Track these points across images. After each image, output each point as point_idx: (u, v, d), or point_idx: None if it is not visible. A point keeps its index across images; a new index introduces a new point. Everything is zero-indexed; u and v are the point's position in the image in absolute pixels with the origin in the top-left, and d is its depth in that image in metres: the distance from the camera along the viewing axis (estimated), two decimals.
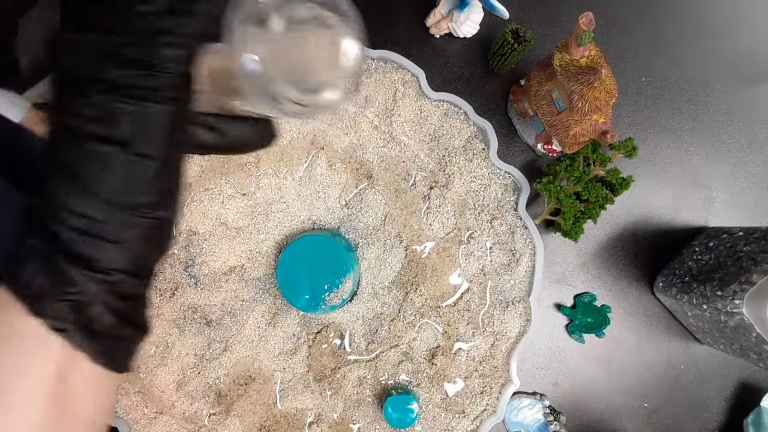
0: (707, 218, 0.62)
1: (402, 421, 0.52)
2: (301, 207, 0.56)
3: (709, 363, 0.60)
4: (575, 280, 0.60)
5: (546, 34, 0.61)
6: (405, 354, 0.56)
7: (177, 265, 0.55)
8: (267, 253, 0.56)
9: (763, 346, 0.47)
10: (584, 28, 0.44)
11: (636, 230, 0.61)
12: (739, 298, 0.47)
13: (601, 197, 0.52)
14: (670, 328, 0.60)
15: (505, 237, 0.56)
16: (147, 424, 0.53)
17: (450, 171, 0.56)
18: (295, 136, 0.56)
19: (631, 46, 0.62)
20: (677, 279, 0.56)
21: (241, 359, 0.55)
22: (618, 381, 0.59)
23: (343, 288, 0.52)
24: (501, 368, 0.56)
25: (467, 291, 0.56)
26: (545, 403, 0.58)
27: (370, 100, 0.56)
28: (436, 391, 0.55)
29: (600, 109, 0.47)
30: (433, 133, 0.57)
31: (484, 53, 0.60)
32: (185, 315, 0.55)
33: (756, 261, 0.48)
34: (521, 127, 0.59)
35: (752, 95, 0.63)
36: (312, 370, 0.56)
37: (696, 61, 0.62)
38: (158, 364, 0.54)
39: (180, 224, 0.55)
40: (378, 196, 0.56)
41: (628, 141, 0.52)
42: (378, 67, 0.56)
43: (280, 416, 0.55)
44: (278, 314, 0.55)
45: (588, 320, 0.58)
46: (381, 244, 0.56)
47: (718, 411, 0.60)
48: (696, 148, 0.62)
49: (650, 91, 0.62)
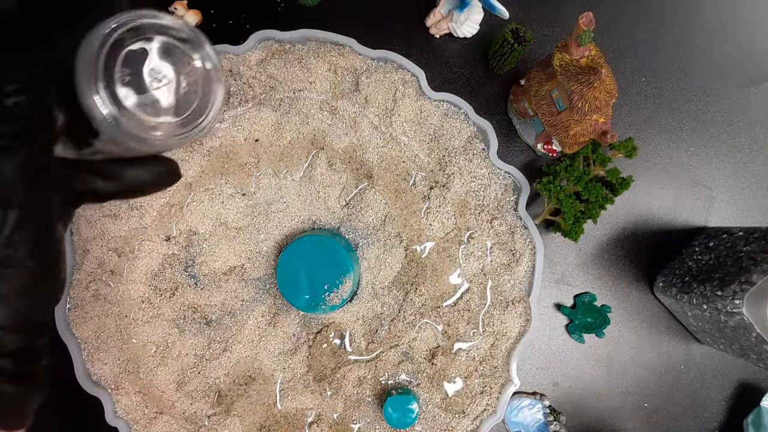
0: (707, 218, 0.62)
1: (402, 421, 0.52)
2: (301, 207, 0.56)
3: (709, 363, 0.60)
4: (575, 280, 0.60)
5: (546, 34, 0.61)
6: (405, 354, 0.56)
7: (177, 265, 0.55)
8: (267, 253, 0.56)
9: (763, 346, 0.47)
10: (584, 28, 0.44)
11: (636, 230, 0.61)
12: (739, 298, 0.47)
13: (601, 197, 0.52)
14: (670, 328, 0.60)
15: (505, 237, 0.56)
16: (147, 424, 0.53)
17: (450, 171, 0.56)
18: (295, 136, 0.56)
19: (631, 46, 0.62)
20: (677, 279, 0.56)
21: (241, 359, 0.55)
22: (618, 381, 0.59)
23: (343, 288, 0.52)
24: (501, 368, 0.56)
25: (467, 291, 0.56)
26: (545, 403, 0.58)
27: (370, 100, 0.56)
28: (436, 391, 0.55)
29: (600, 109, 0.47)
30: (433, 133, 0.57)
31: (484, 53, 0.60)
32: (185, 315, 0.55)
33: (756, 261, 0.48)
34: (521, 127, 0.59)
35: (752, 95, 0.63)
36: (312, 370, 0.56)
37: (696, 61, 0.62)
38: (158, 364, 0.54)
39: (180, 224, 0.55)
40: (378, 196, 0.56)
41: (628, 141, 0.52)
42: (378, 67, 0.56)
43: (280, 416, 0.55)
44: (278, 314, 0.55)
45: (588, 320, 0.58)
46: (381, 244, 0.56)
47: (718, 411, 0.60)
48: (696, 148, 0.62)
49: (650, 91, 0.62)
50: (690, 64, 0.62)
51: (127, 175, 0.25)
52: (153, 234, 0.54)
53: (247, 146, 0.55)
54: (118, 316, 0.54)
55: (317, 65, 0.55)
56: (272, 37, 0.56)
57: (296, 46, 0.56)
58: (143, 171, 0.25)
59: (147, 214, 0.54)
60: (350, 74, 0.56)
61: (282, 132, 0.55)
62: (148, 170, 0.25)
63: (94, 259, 0.54)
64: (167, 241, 0.55)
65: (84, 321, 0.53)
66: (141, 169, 0.25)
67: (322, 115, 0.56)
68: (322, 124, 0.56)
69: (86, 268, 0.54)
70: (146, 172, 0.25)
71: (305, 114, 0.55)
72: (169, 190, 0.54)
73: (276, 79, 0.55)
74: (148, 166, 0.25)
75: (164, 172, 0.26)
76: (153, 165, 0.25)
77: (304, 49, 0.56)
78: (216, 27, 0.58)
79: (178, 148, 0.28)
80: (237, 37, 0.55)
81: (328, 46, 0.56)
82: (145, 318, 0.54)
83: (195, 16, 0.57)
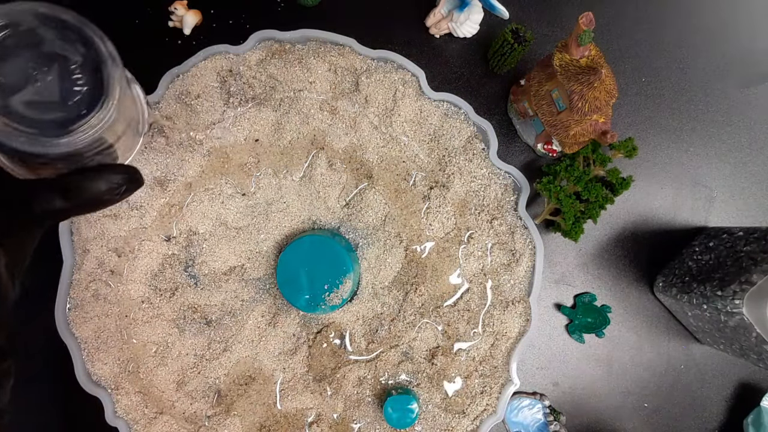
0: (707, 218, 0.62)
1: (402, 421, 0.52)
2: (301, 207, 0.56)
3: (709, 363, 0.60)
4: (575, 280, 0.60)
5: (546, 34, 0.61)
6: (405, 354, 0.56)
7: (177, 265, 0.55)
8: (267, 253, 0.56)
9: (763, 346, 0.47)
10: (584, 28, 0.44)
11: (636, 230, 0.61)
12: (739, 298, 0.47)
13: (601, 197, 0.52)
14: (670, 328, 0.60)
15: (505, 237, 0.56)
16: (147, 424, 0.53)
17: (450, 171, 0.56)
18: (295, 136, 0.56)
19: (631, 46, 0.62)
20: (677, 279, 0.56)
21: (241, 359, 0.55)
22: (618, 381, 0.59)
23: (343, 288, 0.52)
24: (501, 368, 0.56)
25: (467, 291, 0.56)
26: (545, 403, 0.58)
27: (370, 100, 0.56)
28: (436, 391, 0.55)
29: (600, 109, 0.47)
30: (433, 133, 0.57)
31: (484, 53, 0.60)
32: (185, 315, 0.55)
33: (756, 261, 0.48)
34: (521, 127, 0.59)
35: (752, 95, 0.63)
36: (312, 370, 0.56)
37: (696, 61, 0.62)
38: (158, 364, 0.54)
39: (180, 224, 0.55)
40: (378, 196, 0.56)
41: (628, 141, 0.52)
42: (378, 67, 0.56)
43: (280, 416, 0.55)
44: (278, 314, 0.55)
45: (588, 320, 0.58)
46: (381, 244, 0.56)
47: (718, 411, 0.60)
48: (696, 148, 0.62)
49: (650, 91, 0.62)
50: (690, 64, 0.62)
51: (85, 189, 0.23)
52: (153, 234, 0.54)
53: (247, 146, 0.55)
54: (118, 316, 0.54)
55: (317, 65, 0.55)
56: (272, 37, 0.56)
57: (296, 46, 0.56)
58: (102, 182, 0.24)
59: (147, 214, 0.54)
60: (350, 74, 0.56)
61: (282, 132, 0.55)
62: (107, 181, 0.24)
63: (94, 259, 0.54)
64: (167, 241, 0.55)
65: (84, 321, 0.53)
66: (99, 181, 0.24)
67: (322, 115, 0.56)
68: (322, 124, 0.56)
69: (86, 268, 0.54)
70: (105, 183, 0.24)
71: (305, 114, 0.55)
72: (170, 190, 0.54)
73: (276, 79, 0.55)
74: (105, 177, 0.24)
75: (124, 180, 0.25)
76: (113, 174, 0.24)
77: (304, 49, 0.56)
78: (216, 27, 0.58)
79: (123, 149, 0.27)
80: (237, 37, 0.55)
81: (328, 46, 0.56)
82: (145, 318, 0.54)
83: (195, 16, 0.57)
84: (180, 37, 0.58)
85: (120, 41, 0.25)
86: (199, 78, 0.55)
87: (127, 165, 0.25)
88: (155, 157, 0.54)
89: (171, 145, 0.54)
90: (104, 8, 0.57)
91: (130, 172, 0.25)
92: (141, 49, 0.55)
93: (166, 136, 0.54)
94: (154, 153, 0.54)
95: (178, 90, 0.54)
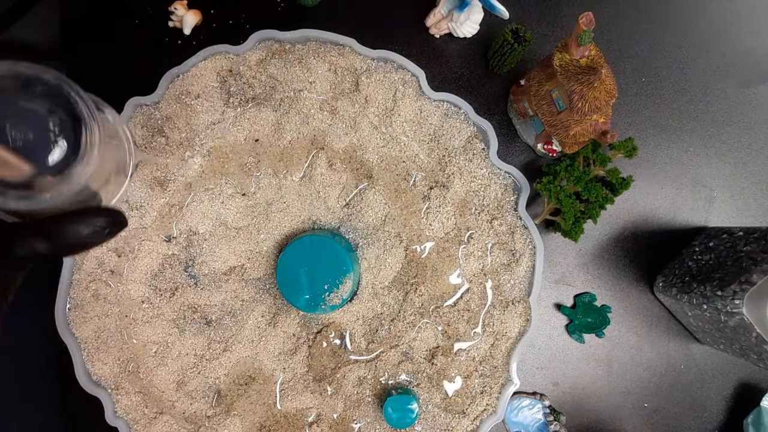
0: (707, 218, 0.62)
1: (402, 421, 0.52)
2: (301, 207, 0.56)
3: (709, 363, 0.60)
4: (575, 280, 0.60)
5: (546, 34, 0.61)
6: (405, 354, 0.56)
7: (177, 265, 0.55)
8: (267, 253, 0.56)
9: (763, 346, 0.47)
10: (584, 28, 0.44)
11: (636, 230, 0.61)
12: (739, 298, 0.47)
13: (601, 197, 0.52)
14: (670, 328, 0.60)
15: (505, 237, 0.56)
16: (147, 424, 0.53)
17: (450, 171, 0.56)
18: (295, 136, 0.56)
19: (631, 46, 0.62)
20: (677, 279, 0.56)
21: (241, 359, 0.55)
22: (618, 381, 0.59)
23: (343, 288, 0.52)
24: (501, 368, 0.56)
25: (467, 291, 0.56)
26: (545, 403, 0.58)
27: (370, 100, 0.56)
28: (436, 391, 0.55)
29: (600, 109, 0.47)
30: (433, 133, 0.57)
31: (484, 53, 0.60)
32: (185, 315, 0.55)
33: (756, 261, 0.48)
34: (521, 127, 0.59)
35: (752, 95, 0.63)
36: (312, 370, 0.56)
37: (696, 61, 0.62)
38: (158, 364, 0.54)
39: (180, 224, 0.55)
40: (378, 196, 0.56)
41: (628, 141, 0.52)
42: (378, 67, 0.56)
43: (280, 416, 0.55)
44: (278, 314, 0.55)
45: (588, 320, 0.58)
46: (381, 244, 0.56)
47: (717, 411, 0.60)
48: (696, 148, 0.62)
49: (650, 91, 0.62)
50: (690, 64, 0.62)
51: (68, 233, 0.23)
52: (153, 234, 0.54)
53: (247, 146, 0.55)
54: (118, 316, 0.54)
55: (317, 65, 0.55)
56: (272, 37, 0.56)
57: (296, 46, 0.56)
58: (84, 226, 0.24)
59: (147, 214, 0.54)
60: (350, 74, 0.56)
61: (282, 132, 0.55)
62: (90, 225, 0.24)
63: (94, 259, 0.54)
64: (167, 241, 0.55)
65: (84, 321, 0.53)
66: (82, 225, 0.24)
67: (322, 115, 0.56)
68: (322, 124, 0.56)
69: (86, 268, 0.54)
70: (88, 227, 0.24)
71: (305, 114, 0.55)
72: (170, 190, 0.54)
73: (276, 79, 0.55)
74: (88, 221, 0.24)
75: (108, 224, 0.25)
76: (96, 218, 0.24)
77: (304, 49, 0.56)
78: (216, 27, 0.58)
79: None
80: (237, 37, 0.55)
81: (328, 46, 0.56)
82: (145, 318, 0.54)
83: (195, 16, 0.57)
84: (180, 37, 0.58)
85: (120, 41, 0.25)
86: (199, 78, 0.55)
87: (111, 208, 0.25)
88: (155, 157, 0.54)
89: (171, 145, 0.54)
90: (104, 8, 0.57)
91: (114, 215, 0.25)
92: (141, 49, 0.55)
93: (166, 136, 0.54)
94: (154, 153, 0.54)
95: (178, 90, 0.54)
